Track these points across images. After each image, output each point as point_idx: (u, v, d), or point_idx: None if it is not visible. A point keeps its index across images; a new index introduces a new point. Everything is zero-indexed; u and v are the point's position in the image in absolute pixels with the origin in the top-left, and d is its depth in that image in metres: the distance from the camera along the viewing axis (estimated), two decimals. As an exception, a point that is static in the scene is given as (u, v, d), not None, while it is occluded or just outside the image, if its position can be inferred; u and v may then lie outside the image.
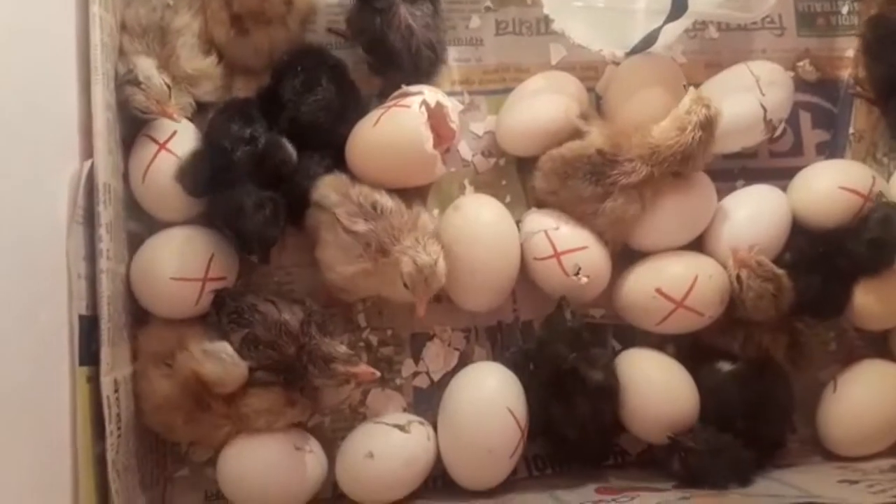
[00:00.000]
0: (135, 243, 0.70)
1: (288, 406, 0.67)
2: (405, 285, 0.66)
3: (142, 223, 0.71)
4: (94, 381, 0.62)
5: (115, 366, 0.64)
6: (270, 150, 0.69)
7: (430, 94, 0.72)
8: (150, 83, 0.66)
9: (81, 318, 0.62)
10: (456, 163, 0.78)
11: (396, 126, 0.70)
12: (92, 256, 0.63)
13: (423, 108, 0.70)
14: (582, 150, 0.72)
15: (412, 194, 0.73)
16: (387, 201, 0.68)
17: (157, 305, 0.69)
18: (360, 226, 0.67)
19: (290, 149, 0.70)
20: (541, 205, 0.76)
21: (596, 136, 0.72)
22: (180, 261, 0.67)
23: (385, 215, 0.68)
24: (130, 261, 0.69)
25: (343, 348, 0.67)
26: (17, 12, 0.57)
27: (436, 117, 0.72)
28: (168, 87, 0.67)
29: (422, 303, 0.67)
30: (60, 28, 0.65)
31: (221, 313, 0.68)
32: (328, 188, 0.69)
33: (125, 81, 0.67)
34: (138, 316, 0.70)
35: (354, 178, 0.71)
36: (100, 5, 0.66)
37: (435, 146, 0.70)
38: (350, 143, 0.72)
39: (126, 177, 0.70)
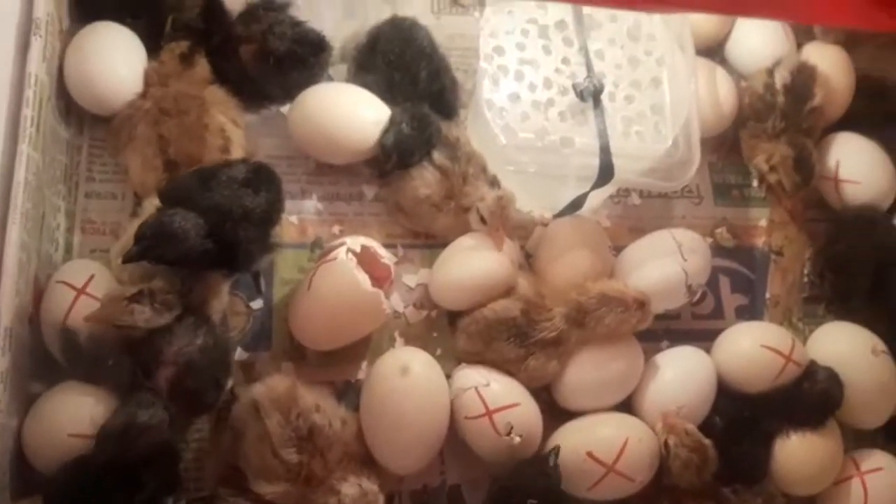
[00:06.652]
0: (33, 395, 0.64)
1: None
2: None
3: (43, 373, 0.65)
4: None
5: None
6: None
7: (351, 240, 0.72)
8: None
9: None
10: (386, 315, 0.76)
11: (329, 280, 0.69)
12: (-17, 408, 0.58)
13: (350, 255, 0.70)
14: (505, 313, 0.72)
15: (355, 349, 0.72)
16: (325, 421, 0.64)
17: (49, 464, 0.62)
18: (293, 456, 0.62)
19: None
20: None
21: (524, 287, 0.73)
22: (78, 416, 0.61)
23: (317, 441, 0.63)
24: (26, 415, 0.63)
25: None
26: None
27: (366, 260, 0.71)
28: None
29: None
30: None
31: None
32: (269, 400, 0.63)
33: None
34: (26, 477, 0.63)
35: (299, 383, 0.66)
36: (28, 143, 0.65)
37: (374, 286, 0.69)
38: (290, 315, 0.71)
39: (35, 321, 0.65)
